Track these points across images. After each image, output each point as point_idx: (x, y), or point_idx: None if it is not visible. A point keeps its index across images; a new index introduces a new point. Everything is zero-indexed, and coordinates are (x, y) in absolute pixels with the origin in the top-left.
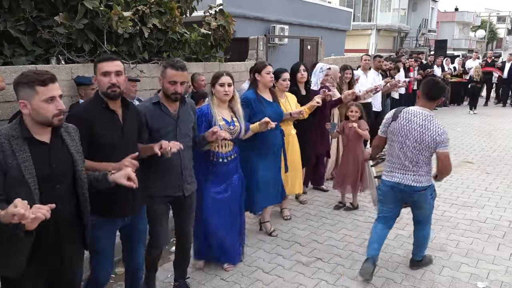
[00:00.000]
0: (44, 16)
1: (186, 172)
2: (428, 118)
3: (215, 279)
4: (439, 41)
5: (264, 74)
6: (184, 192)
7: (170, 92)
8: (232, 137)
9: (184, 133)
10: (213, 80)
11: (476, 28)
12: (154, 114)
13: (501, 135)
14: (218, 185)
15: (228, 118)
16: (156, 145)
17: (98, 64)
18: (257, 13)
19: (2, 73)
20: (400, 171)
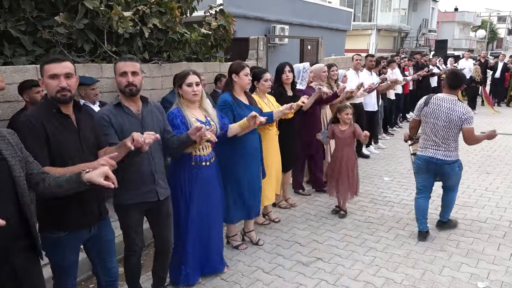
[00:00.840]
0: (45, 16)
1: (158, 176)
2: (454, 102)
3: (215, 279)
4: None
5: (242, 76)
6: (159, 197)
7: (124, 84)
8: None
9: None
10: (179, 81)
11: (476, 28)
12: (117, 116)
13: (501, 135)
14: (199, 191)
15: (202, 119)
16: (127, 139)
17: (45, 66)
18: (257, 13)
19: (2, 73)
20: (433, 148)
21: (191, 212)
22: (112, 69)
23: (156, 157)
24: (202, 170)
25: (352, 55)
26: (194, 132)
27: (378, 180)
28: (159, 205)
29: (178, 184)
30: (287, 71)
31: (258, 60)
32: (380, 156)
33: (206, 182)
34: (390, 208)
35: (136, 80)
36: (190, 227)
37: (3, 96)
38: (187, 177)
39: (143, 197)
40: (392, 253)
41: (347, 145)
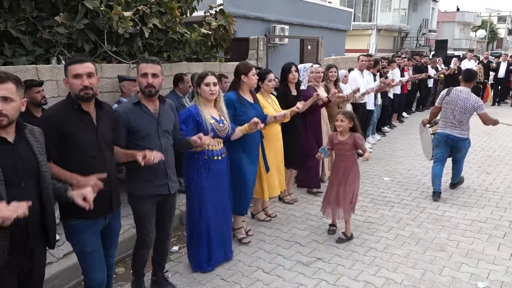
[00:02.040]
0: (45, 16)
1: (170, 170)
2: (469, 93)
3: (215, 279)
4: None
5: (251, 76)
6: (170, 190)
7: (144, 85)
8: (222, 135)
9: (165, 132)
10: (199, 80)
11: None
12: (135, 114)
13: (502, 135)
14: (214, 182)
15: (216, 117)
16: (139, 154)
17: (68, 67)
18: (258, 13)
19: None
20: (451, 127)
21: (205, 202)
22: (112, 69)
23: (168, 153)
24: (214, 163)
25: (354, 55)
26: (195, 141)
27: (378, 180)
28: (168, 198)
29: (192, 176)
30: (294, 70)
31: (258, 60)
32: (380, 156)
33: (218, 175)
34: (390, 208)
35: (156, 82)
36: (205, 216)
37: None
38: (201, 170)
39: (155, 190)
40: (392, 253)
41: (346, 157)
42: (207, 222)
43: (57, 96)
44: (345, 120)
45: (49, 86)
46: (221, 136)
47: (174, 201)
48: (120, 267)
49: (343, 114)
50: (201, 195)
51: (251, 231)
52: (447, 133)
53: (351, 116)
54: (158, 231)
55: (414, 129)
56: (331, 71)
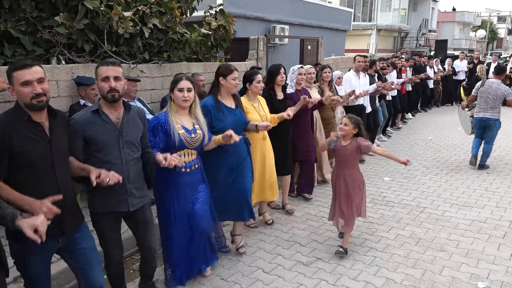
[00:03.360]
0: (45, 16)
1: (131, 185)
2: (499, 83)
3: (215, 279)
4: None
5: (230, 80)
6: (129, 207)
7: (106, 90)
8: (192, 147)
9: (129, 144)
10: (172, 85)
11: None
12: (93, 123)
13: (502, 135)
14: (183, 197)
15: (188, 126)
16: (93, 172)
17: (13, 73)
18: (258, 13)
19: (3, 73)
20: (484, 111)
21: (176, 216)
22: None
23: (130, 166)
24: (182, 176)
25: (354, 55)
26: (160, 161)
27: (378, 180)
28: (134, 214)
29: (162, 188)
30: (282, 72)
31: (258, 60)
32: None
33: (190, 187)
34: (390, 208)
35: (119, 85)
36: (176, 231)
37: (4, 96)
38: (171, 182)
39: (114, 207)
40: (392, 253)
41: (349, 164)
42: (175, 240)
43: (57, 96)
44: (350, 124)
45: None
46: (190, 147)
47: (146, 215)
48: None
49: (348, 118)
50: (167, 213)
51: (242, 248)
52: (481, 117)
53: (357, 122)
54: (141, 251)
55: (415, 130)
56: (325, 71)
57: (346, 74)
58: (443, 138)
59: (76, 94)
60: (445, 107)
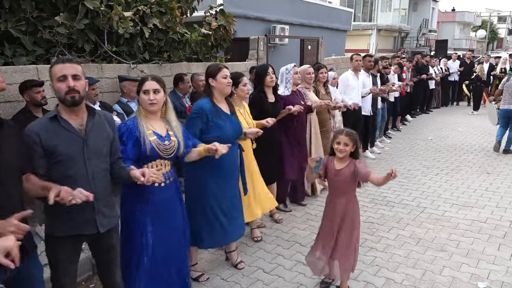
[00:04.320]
0: (45, 16)
1: (99, 203)
2: None
3: (215, 279)
4: (440, 41)
5: (220, 78)
6: (99, 229)
7: (63, 91)
8: (166, 156)
9: (96, 154)
10: (138, 87)
11: (476, 28)
12: (52, 132)
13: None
14: (155, 217)
15: (161, 132)
16: (52, 190)
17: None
18: (258, 13)
19: (3, 73)
20: (509, 104)
21: (146, 243)
22: (112, 69)
23: (98, 180)
24: (156, 192)
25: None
26: (137, 178)
27: None
28: (99, 238)
29: (129, 209)
30: (271, 72)
31: (258, 60)
32: (380, 156)
33: (163, 205)
34: (391, 208)
35: (79, 85)
36: (144, 262)
37: (4, 96)
38: (139, 201)
39: (78, 229)
40: (392, 253)
41: (344, 192)
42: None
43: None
44: (350, 143)
45: (49, 87)
46: (164, 157)
47: (111, 240)
48: None
49: (347, 135)
50: (140, 237)
51: (242, 264)
52: (506, 108)
53: (356, 139)
54: (103, 281)
55: (415, 130)
56: (321, 72)
57: (344, 73)
58: (443, 138)
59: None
60: (444, 107)
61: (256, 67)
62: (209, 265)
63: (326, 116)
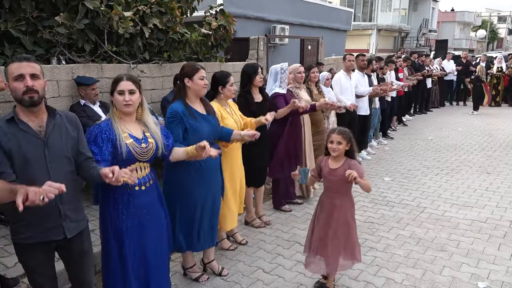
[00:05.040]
0: (45, 16)
1: (65, 208)
2: None
3: (215, 279)
4: (440, 41)
5: (197, 79)
6: (66, 234)
7: (21, 91)
8: (143, 159)
9: (58, 156)
10: (112, 86)
11: (476, 28)
12: (10, 135)
13: (502, 135)
14: (136, 223)
15: (138, 134)
16: (19, 195)
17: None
18: (258, 13)
19: (3, 73)
20: None
21: (125, 250)
22: (112, 69)
23: (62, 184)
24: (136, 196)
25: (354, 55)
26: (105, 175)
27: (378, 180)
28: (69, 243)
29: (105, 214)
30: (260, 71)
31: (258, 60)
32: (380, 156)
33: (143, 210)
34: (391, 208)
35: (37, 84)
36: (125, 269)
37: (3, 96)
38: (117, 206)
39: (45, 235)
40: (392, 253)
41: (338, 192)
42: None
43: (57, 96)
44: (343, 141)
45: (49, 86)
46: (141, 159)
47: (83, 243)
48: None
49: (341, 133)
50: (121, 241)
51: (225, 270)
52: None
53: (350, 137)
54: (75, 284)
55: (415, 130)
56: (313, 71)
57: (336, 74)
58: (443, 138)
59: (77, 94)
60: (443, 107)
61: (245, 66)
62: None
63: (320, 117)
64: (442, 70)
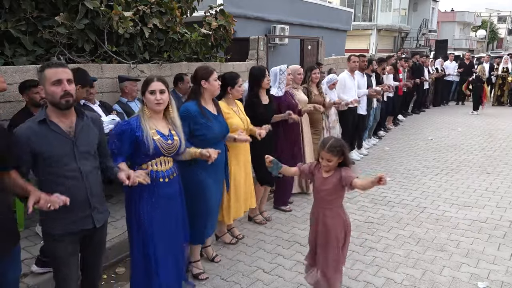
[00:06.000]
0: (45, 16)
1: (94, 199)
2: None
3: (215, 279)
4: (440, 41)
5: (213, 81)
6: (95, 223)
7: (59, 95)
8: (168, 154)
9: (85, 154)
10: (143, 87)
11: (476, 28)
12: (42, 136)
13: (502, 135)
14: (162, 210)
15: (164, 131)
16: (32, 196)
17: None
18: (258, 13)
19: (3, 73)
20: None
21: (151, 238)
22: (112, 69)
23: (91, 178)
24: (160, 187)
25: (348, 55)
26: (122, 180)
27: None
28: (93, 233)
29: (133, 203)
30: (267, 74)
31: (258, 60)
32: (380, 156)
33: (166, 200)
34: (391, 208)
35: (72, 89)
36: (147, 256)
37: (4, 96)
38: (143, 195)
39: (76, 225)
40: (392, 253)
41: (330, 203)
42: (154, 262)
43: None
44: (333, 158)
45: None
46: (167, 154)
47: (103, 234)
48: (120, 267)
49: (329, 150)
50: (145, 229)
51: (218, 257)
52: None
53: (341, 150)
54: (87, 273)
55: (415, 130)
56: (314, 72)
57: (340, 74)
58: (443, 138)
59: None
60: (444, 107)
61: (253, 69)
62: (209, 265)
63: (318, 117)
64: (442, 71)
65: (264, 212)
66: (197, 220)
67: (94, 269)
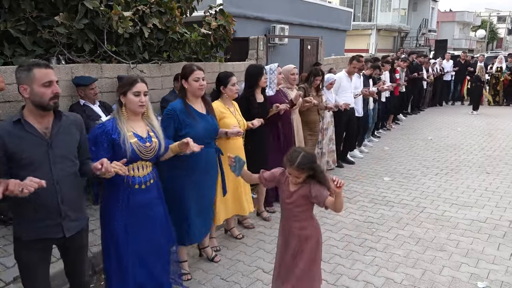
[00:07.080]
0: (44, 16)
1: (65, 207)
2: None
3: (215, 279)
4: (439, 41)
5: (192, 81)
6: (64, 233)
7: (49, 96)
8: (146, 157)
9: (61, 157)
10: (124, 87)
11: (476, 28)
12: (15, 136)
13: (501, 135)
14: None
15: (142, 134)
16: (1, 184)
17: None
18: (257, 13)
19: (2, 73)
20: None
21: (123, 247)
22: (112, 69)
23: (64, 185)
24: (136, 194)
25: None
26: (95, 167)
27: (378, 180)
28: (69, 241)
29: (106, 211)
30: (265, 73)
31: (258, 60)
32: (380, 156)
33: (143, 207)
34: (390, 208)
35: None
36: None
37: (4, 96)
38: (119, 203)
39: (43, 233)
40: (392, 253)
41: (297, 216)
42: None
43: None
44: (300, 175)
45: None
46: (144, 158)
47: (82, 240)
48: None
49: (298, 169)
50: (116, 240)
51: (218, 257)
52: None
53: (309, 166)
54: (73, 278)
55: (415, 130)
56: (317, 78)
57: (337, 74)
58: (443, 138)
59: (76, 94)
60: (444, 107)
61: (250, 67)
62: (209, 265)
63: (316, 118)
64: (442, 70)
65: (263, 213)
66: (178, 222)
67: (77, 275)
